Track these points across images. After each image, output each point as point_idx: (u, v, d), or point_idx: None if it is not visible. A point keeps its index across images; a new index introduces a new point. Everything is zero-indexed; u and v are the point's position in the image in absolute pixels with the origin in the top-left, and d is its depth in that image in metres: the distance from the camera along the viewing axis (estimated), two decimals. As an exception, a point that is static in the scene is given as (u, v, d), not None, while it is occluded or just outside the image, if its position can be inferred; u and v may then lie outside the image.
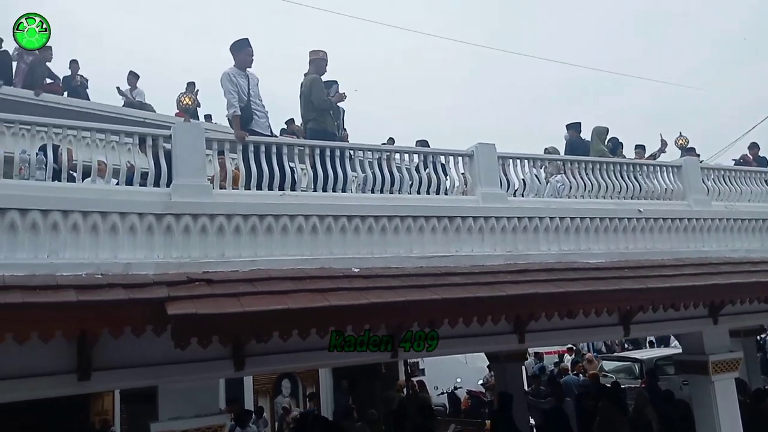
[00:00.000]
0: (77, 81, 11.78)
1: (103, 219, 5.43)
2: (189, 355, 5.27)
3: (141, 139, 6.06)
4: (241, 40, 6.99)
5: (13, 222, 5.11)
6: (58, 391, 5.39)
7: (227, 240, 5.95)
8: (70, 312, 4.53)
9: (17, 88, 10.48)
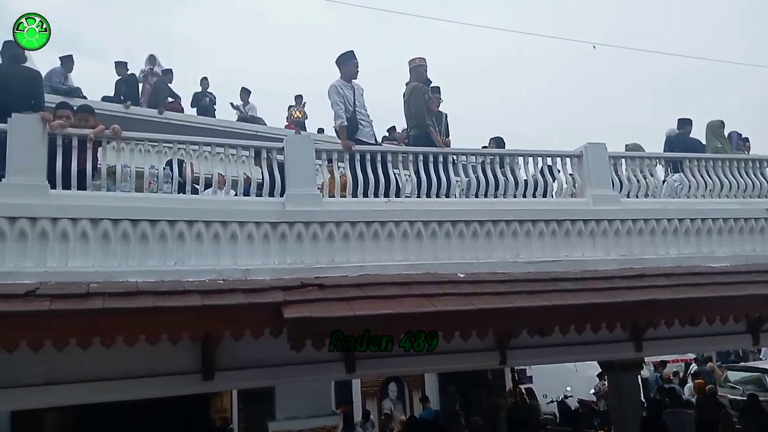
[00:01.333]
0: (206, 100, 12.57)
1: (223, 228, 5.78)
2: (303, 357, 5.49)
3: (256, 152, 6.38)
4: (347, 53, 7.21)
5: (144, 232, 5.55)
6: (185, 390, 5.79)
7: (337, 246, 6.14)
8: (196, 315, 4.87)
9: (143, 108, 11.41)
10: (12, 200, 5.15)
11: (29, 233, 5.14)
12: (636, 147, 8.53)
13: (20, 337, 4.53)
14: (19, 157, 5.29)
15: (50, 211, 5.22)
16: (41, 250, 5.17)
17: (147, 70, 12.25)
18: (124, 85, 11.62)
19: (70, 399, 5.50)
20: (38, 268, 5.10)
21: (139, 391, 5.51)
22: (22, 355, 4.65)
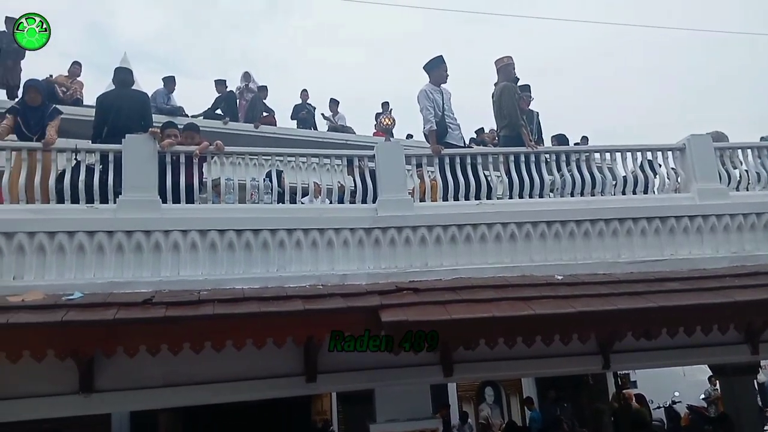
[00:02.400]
0: (304, 112, 13.02)
1: (320, 235, 5.96)
2: (402, 360, 5.56)
3: (348, 160, 6.54)
4: (435, 58, 7.26)
5: (248, 241, 5.82)
6: (290, 392, 6.01)
7: (429, 250, 6.17)
8: (299, 319, 5.05)
9: (240, 123, 11.96)
10: (128, 215, 5.56)
11: (144, 245, 5.53)
12: (719, 136, 7.96)
13: (140, 343, 4.90)
14: (133, 174, 5.70)
15: (163, 224, 5.59)
16: (155, 261, 5.54)
17: (242, 86, 12.84)
18: (223, 102, 12.22)
19: (184, 400, 5.85)
20: (153, 278, 5.46)
21: (247, 392, 5.77)
22: (141, 359, 5.02)
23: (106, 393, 5.36)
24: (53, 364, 4.84)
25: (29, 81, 6.50)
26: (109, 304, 4.91)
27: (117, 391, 5.40)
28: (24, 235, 5.23)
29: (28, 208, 5.43)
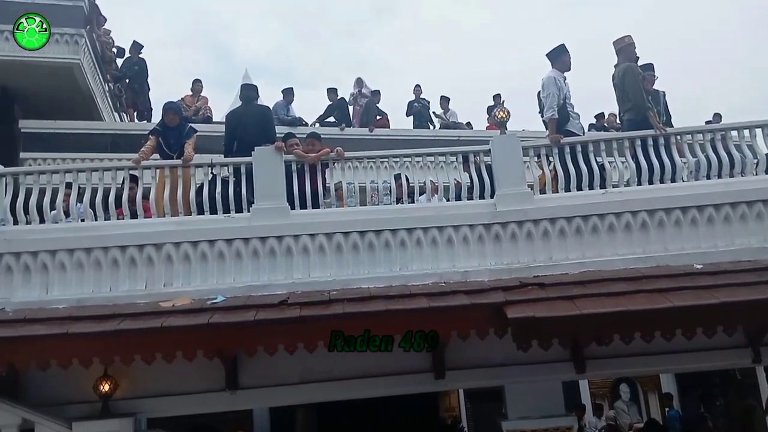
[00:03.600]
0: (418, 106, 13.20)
1: (440, 233, 6.00)
2: (531, 356, 5.47)
3: (464, 156, 6.53)
4: (558, 47, 7.15)
5: (371, 242, 5.97)
6: (419, 388, 6.12)
7: (553, 243, 6.02)
8: (425, 317, 5.13)
9: (355, 128, 12.31)
10: (261, 222, 5.91)
11: (277, 250, 5.85)
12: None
13: (278, 342, 5.19)
14: (263, 184, 6.07)
15: (292, 229, 5.89)
16: (288, 264, 5.85)
17: (356, 92, 13.20)
18: (335, 110, 12.63)
19: (319, 396, 6.14)
20: (286, 280, 5.77)
21: (377, 388, 5.95)
22: (280, 357, 5.33)
23: (249, 390, 5.74)
24: (202, 364, 5.26)
25: (167, 104, 7.11)
26: (249, 306, 5.26)
27: (259, 388, 5.77)
28: (171, 245, 5.73)
29: (173, 221, 5.94)
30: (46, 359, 4.88)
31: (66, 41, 9.86)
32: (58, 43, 9.82)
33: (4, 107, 10.38)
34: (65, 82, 10.26)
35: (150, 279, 5.64)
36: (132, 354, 4.92)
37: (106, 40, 12.04)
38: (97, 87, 11.11)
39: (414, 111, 13.27)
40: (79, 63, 9.97)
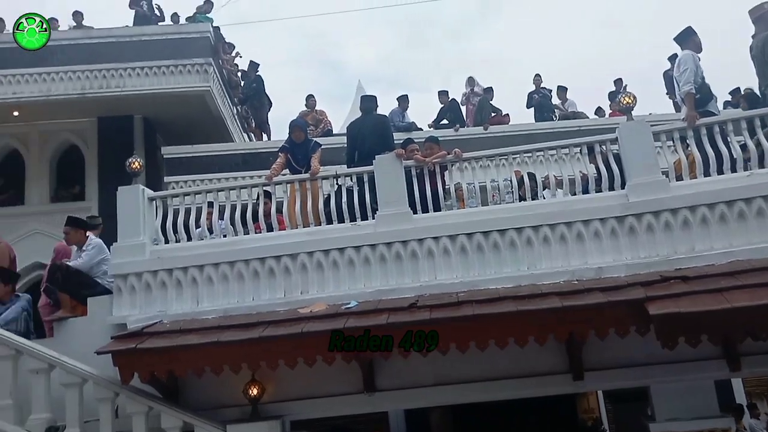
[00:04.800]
0: (538, 96, 12.93)
1: (568, 228, 5.81)
2: (677, 354, 5.14)
3: (588, 147, 6.28)
4: (686, 29, 6.86)
5: (496, 242, 5.90)
6: (556, 390, 5.96)
7: (695, 233, 5.63)
8: (558, 317, 4.99)
9: (470, 128, 12.21)
10: (386, 228, 6.04)
11: (403, 254, 5.95)
12: None
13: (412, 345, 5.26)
14: (385, 191, 6.19)
15: (416, 233, 5.96)
16: (414, 268, 5.93)
17: (468, 91, 13.11)
18: (448, 112, 12.62)
19: (454, 398, 6.16)
20: (414, 284, 5.85)
21: (512, 390, 5.85)
22: (414, 359, 5.40)
23: (386, 392, 5.87)
24: (341, 367, 5.46)
25: (294, 121, 7.50)
26: (380, 310, 5.39)
27: (395, 390, 5.88)
28: (305, 255, 6.01)
29: (305, 232, 6.23)
30: (201, 366, 5.29)
31: (197, 71, 10.69)
32: (189, 74, 10.68)
33: (148, 136, 11.43)
34: (198, 109, 11.12)
35: (288, 287, 5.95)
36: (276, 359, 5.21)
37: (231, 66, 12.88)
38: (226, 110, 11.93)
39: (534, 102, 12.97)
40: (209, 90, 10.76)
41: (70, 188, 11.29)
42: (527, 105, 13.13)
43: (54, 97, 10.50)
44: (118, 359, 5.24)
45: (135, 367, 5.26)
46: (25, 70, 10.45)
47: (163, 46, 10.84)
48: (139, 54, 10.70)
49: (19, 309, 6.37)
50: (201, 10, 12.69)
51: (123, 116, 11.09)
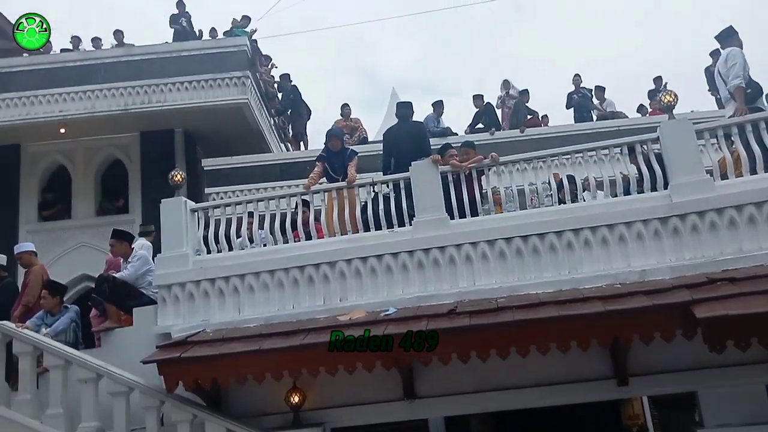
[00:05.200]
0: (577, 97, 12.74)
1: (610, 231, 5.71)
2: (726, 358, 5.00)
3: (629, 147, 6.17)
4: (728, 29, 6.83)
5: (535, 246, 5.84)
6: (600, 396, 5.83)
7: (742, 233, 5.48)
8: (601, 321, 4.91)
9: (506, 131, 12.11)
10: (423, 234, 6.03)
11: (441, 260, 5.94)
12: None
13: (451, 350, 5.23)
14: (422, 198, 6.19)
15: (454, 239, 5.94)
16: (452, 274, 5.91)
17: (503, 95, 13.03)
18: (483, 116, 12.54)
19: (495, 405, 6.08)
20: (453, 290, 5.83)
21: (555, 397, 5.77)
22: (454, 366, 5.37)
23: (426, 399, 5.86)
24: (381, 374, 5.46)
25: (330, 130, 7.57)
26: (420, 316, 5.39)
27: (435, 397, 5.86)
28: (343, 262, 6.05)
29: (342, 239, 6.27)
30: (243, 374, 5.37)
31: (234, 83, 10.91)
32: (228, 87, 10.91)
33: (188, 149, 11.70)
34: (236, 121, 11.34)
35: (327, 295, 6.00)
36: (317, 366, 5.25)
37: (268, 78, 13.09)
38: (263, 122, 12.13)
39: (574, 103, 12.80)
40: (247, 102, 10.97)
41: (115, 201, 11.63)
42: (567, 106, 12.97)
43: (98, 114, 10.84)
44: (163, 368, 5.35)
45: (179, 375, 5.37)
46: (71, 88, 10.83)
47: (202, 61, 11.10)
48: (179, 69, 10.97)
49: (68, 320, 6.58)
50: (237, 25, 12.94)
51: (164, 130, 11.40)
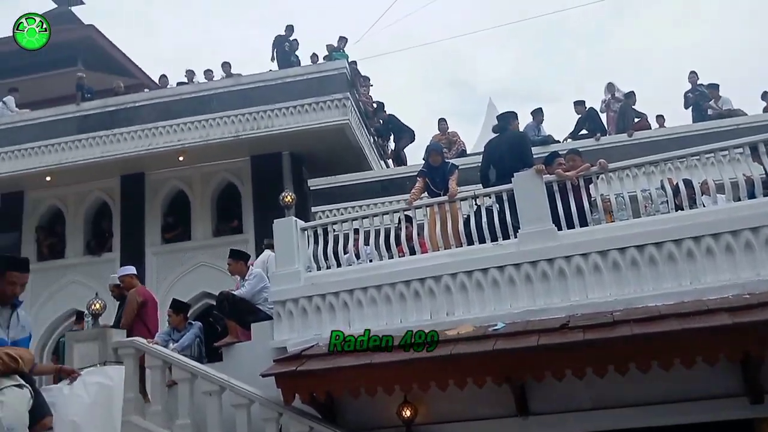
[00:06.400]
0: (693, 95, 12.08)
1: (734, 238, 5.35)
2: None
3: (752, 147, 5.76)
4: None
5: (652, 255, 5.56)
6: (729, 414, 5.39)
7: None
8: (729, 335, 4.61)
9: (612, 135, 11.63)
10: (530, 247, 5.92)
11: (550, 273, 5.80)
12: None
13: (565, 367, 5.08)
14: (527, 209, 6.09)
15: (563, 250, 5.79)
16: (562, 287, 5.75)
17: (607, 98, 12.53)
18: (586, 121, 12.11)
19: (613, 423, 5.76)
20: (564, 303, 5.67)
21: (679, 416, 5.40)
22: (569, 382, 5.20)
23: (540, 416, 5.69)
24: (492, 389, 5.40)
25: (430, 145, 7.66)
26: (530, 331, 5.28)
27: (549, 414, 5.69)
28: (448, 276, 6.05)
29: (446, 253, 6.28)
30: (356, 387, 5.49)
31: (336, 105, 11.26)
32: (329, 109, 11.28)
33: (295, 170, 12.19)
34: (338, 141, 11.69)
35: (433, 309, 6.02)
36: (428, 381, 5.27)
37: (367, 98, 13.41)
38: (364, 140, 12.43)
39: (691, 102, 12.10)
40: (348, 122, 11.29)
41: (230, 223, 12.30)
42: (684, 105, 12.26)
43: (212, 141, 11.55)
44: (281, 381, 5.59)
45: (296, 388, 5.58)
46: (187, 119, 11.62)
47: (305, 86, 11.54)
48: (283, 95, 11.48)
49: (192, 336, 7.04)
50: (335, 48, 13.38)
51: (272, 153, 11.94)
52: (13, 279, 3.72)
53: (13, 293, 3.72)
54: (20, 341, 3.73)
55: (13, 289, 3.71)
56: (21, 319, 3.81)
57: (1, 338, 3.62)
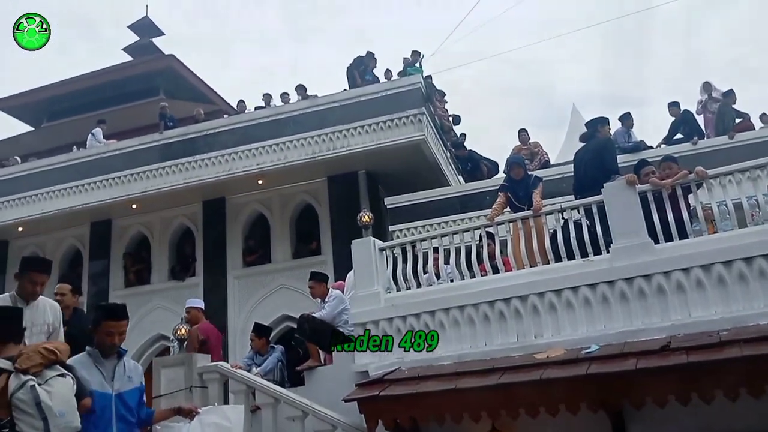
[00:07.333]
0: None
1: None
2: None
3: None
4: None
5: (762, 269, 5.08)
6: None
7: None
8: None
9: (711, 138, 10.82)
10: (623, 262, 5.53)
11: (647, 290, 5.38)
12: None
13: (667, 392, 4.66)
14: (619, 222, 5.71)
15: (660, 265, 5.37)
16: (662, 305, 5.33)
17: (704, 99, 11.69)
18: (682, 124, 11.36)
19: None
20: (664, 323, 5.25)
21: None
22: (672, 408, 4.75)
23: (640, 445, 5.25)
24: (587, 416, 5.01)
25: (511, 158, 7.39)
26: (627, 354, 4.91)
27: (651, 443, 5.23)
28: (535, 296, 5.75)
29: (532, 271, 5.97)
30: (441, 413, 5.26)
31: (411, 121, 11.12)
32: (405, 125, 11.15)
33: (371, 189, 12.14)
34: (414, 158, 11.54)
35: (520, 331, 5.73)
36: (517, 408, 4.97)
37: (443, 112, 13.23)
38: (440, 155, 12.22)
39: None
40: (424, 138, 11.12)
41: (308, 244, 12.38)
42: None
43: (290, 164, 11.69)
44: (363, 406, 5.45)
45: (379, 414, 5.42)
46: (265, 142, 11.83)
47: (380, 103, 11.48)
48: (358, 114, 11.47)
49: (275, 360, 7.03)
50: (409, 63, 13.27)
51: (349, 173, 11.94)
52: (110, 328, 3.62)
53: (112, 343, 3.62)
54: (125, 394, 3.61)
55: (111, 339, 3.62)
56: (128, 369, 3.72)
57: (106, 392, 3.54)
